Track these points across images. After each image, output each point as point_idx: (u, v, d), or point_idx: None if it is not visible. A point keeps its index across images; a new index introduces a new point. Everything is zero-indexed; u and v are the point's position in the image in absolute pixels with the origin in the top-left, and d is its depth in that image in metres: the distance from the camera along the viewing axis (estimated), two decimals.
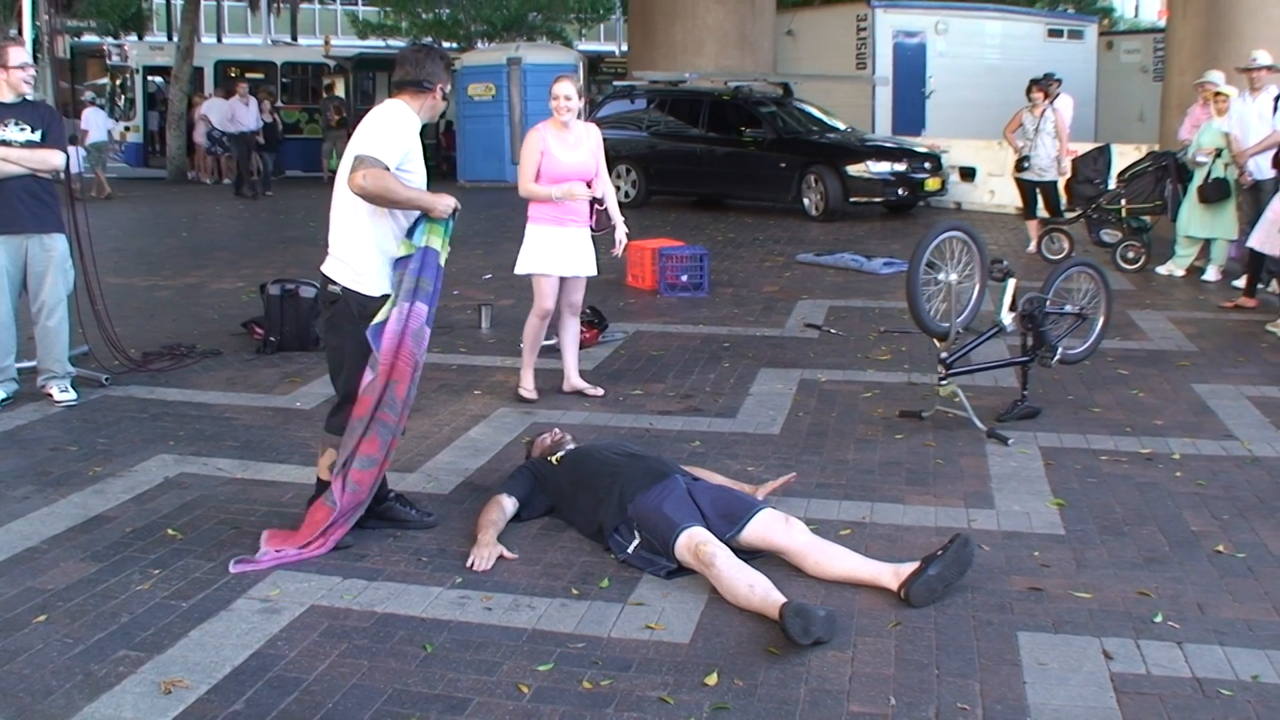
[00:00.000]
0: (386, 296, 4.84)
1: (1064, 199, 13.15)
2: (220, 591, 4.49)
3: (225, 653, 3.99)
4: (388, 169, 4.70)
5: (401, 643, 4.09)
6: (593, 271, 7.33)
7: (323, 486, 5.03)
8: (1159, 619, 4.22)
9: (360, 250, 4.89)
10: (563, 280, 7.23)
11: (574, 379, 7.43)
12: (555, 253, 7.12)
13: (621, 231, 7.40)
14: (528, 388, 7.29)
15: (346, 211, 4.92)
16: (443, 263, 4.91)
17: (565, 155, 7.06)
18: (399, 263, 4.84)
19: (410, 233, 4.86)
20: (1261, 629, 4.16)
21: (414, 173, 4.91)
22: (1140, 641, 4.05)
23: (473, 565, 4.71)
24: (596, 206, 7.26)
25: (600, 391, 7.37)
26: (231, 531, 5.11)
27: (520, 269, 7.23)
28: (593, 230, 7.29)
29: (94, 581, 4.58)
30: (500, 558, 4.78)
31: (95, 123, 21.38)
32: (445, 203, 4.85)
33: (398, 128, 4.86)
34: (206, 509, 5.40)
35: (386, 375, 4.77)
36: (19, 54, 6.99)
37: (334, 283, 4.94)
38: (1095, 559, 4.80)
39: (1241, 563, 4.75)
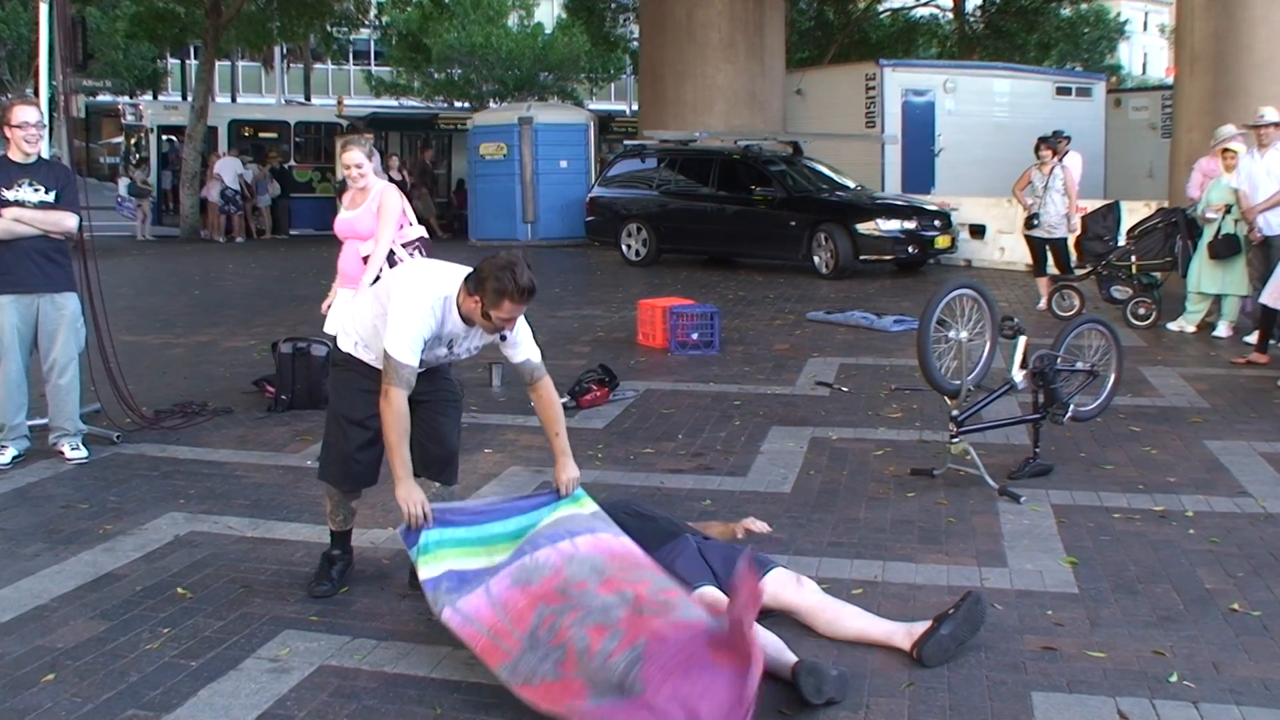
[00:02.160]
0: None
1: (1074, 256, 13.18)
2: (229, 651, 4.47)
3: (234, 713, 3.98)
4: (410, 376, 4.62)
5: (411, 703, 4.06)
6: None
7: (335, 538, 5.23)
8: (1174, 678, 4.19)
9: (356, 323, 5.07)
10: None
11: None
12: (333, 312, 7.45)
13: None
14: None
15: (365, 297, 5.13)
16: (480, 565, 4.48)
17: (345, 213, 7.45)
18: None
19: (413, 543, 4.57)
20: (1278, 688, 4.12)
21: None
22: (1155, 701, 4.01)
23: None
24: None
25: None
26: (241, 590, 5.10)
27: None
28: None
29: (103, 640, 4.57)
30: None
31: None
32: (409, 501, 4.61)
33: (416, 316, 4.63)
34: (217, 567, 5.39)
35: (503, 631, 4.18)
36: (20, 113, 6.96)
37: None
38: (1109, 618, 4.76)
39: (1257, 621, 4.72)
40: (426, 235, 7.62)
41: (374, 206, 7.28)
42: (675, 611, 4.03)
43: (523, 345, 4.97)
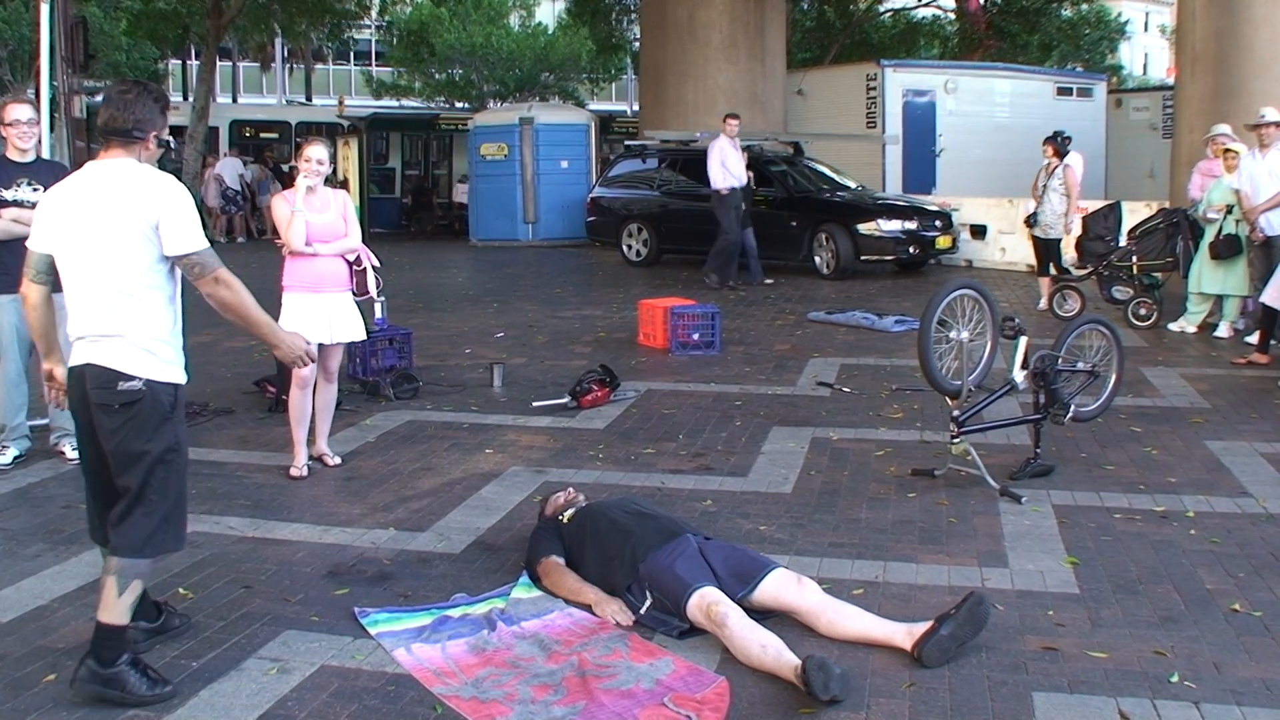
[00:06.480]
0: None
1: (1074, 256, 13.17)
2: (230, 651, 4.47)
3: (235, 713, 3.97)
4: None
5: (412, 704, 4.06)
6: (355, 337, 7.23)
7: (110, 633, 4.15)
8: (1175, 679, 4.18)
9: (166, 332, 4.17)
10: (321, 347, 6.95)
11: (320, 444, 7.21)
12: (313, 320, 6.93)
13: (373, 291, 7.42)
14: (298, 466, 6.95)
15: (140, 286, 4.08)
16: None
17: (314, 217, 7.05)
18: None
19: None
20: (1279, 688, 4.12)
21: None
22: (1156, 701, 4.01)
23: (619, 622, 4.71)
24: (355, 268, 7.25)
25: (338, 461, 7.16)
26: (242, 591, 5.10)
27: None
28: (354, 294, 7.25)
29: None
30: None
31: None
32: (296, 342, 4.55)
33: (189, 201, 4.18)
34: (218, 568, 5.38)
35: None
36: (12, 110, 6.94)
37: (130, 378, 4.04)
38: (1110, 618, 4.76)
39: (1258, 621, 4.71)
40: None
41: (340, 208, 7.17)
42: (617, 677, 4.22)
43: None
